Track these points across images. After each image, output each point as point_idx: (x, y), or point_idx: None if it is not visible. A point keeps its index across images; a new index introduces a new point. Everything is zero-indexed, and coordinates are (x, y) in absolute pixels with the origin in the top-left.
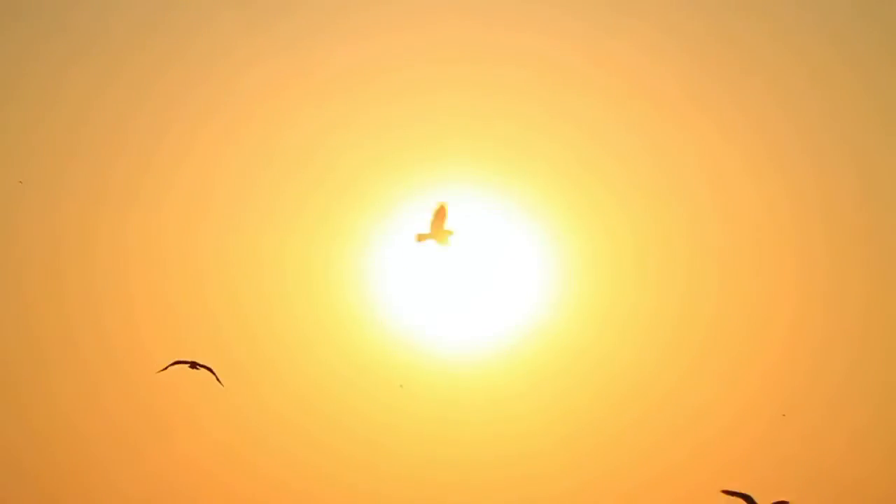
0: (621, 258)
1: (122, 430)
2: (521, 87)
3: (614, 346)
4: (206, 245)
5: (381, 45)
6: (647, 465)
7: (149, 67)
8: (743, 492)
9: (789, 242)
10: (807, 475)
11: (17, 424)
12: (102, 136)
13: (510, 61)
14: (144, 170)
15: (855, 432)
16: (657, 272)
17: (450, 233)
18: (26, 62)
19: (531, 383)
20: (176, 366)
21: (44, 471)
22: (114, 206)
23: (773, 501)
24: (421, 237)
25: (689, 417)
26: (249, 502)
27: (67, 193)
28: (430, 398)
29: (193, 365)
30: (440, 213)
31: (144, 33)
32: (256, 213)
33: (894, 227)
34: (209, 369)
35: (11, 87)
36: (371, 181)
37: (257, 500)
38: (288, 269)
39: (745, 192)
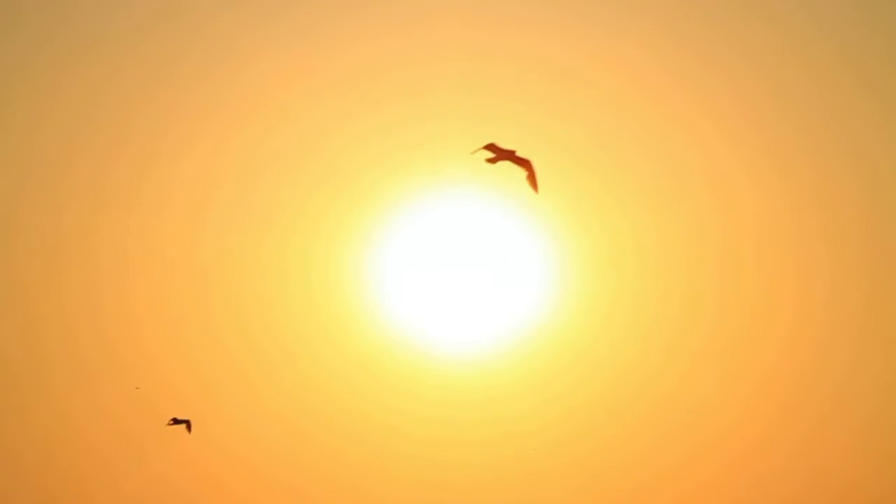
0: (622, 258)
1: (123, 431)
2: (521, 87)
3: (615, 345)
4: (207, 245)
5: (381, 45)
6: (647, 465)
7: (149, 68)
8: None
9: (789, 243)
10: (807, 475)
11: (18, 424)
12: (103, 136)
13: (510, 61)
14: (145, 170)
15: (855, 432)
16: (657, 272)
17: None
18: (27, 61)
19: (531, 383)
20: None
21: (44, 471)
22: (114, 205)
23: None
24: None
25: (689, 417)
26: (250, 502)
27: (68, 193)
28: (430, 398)
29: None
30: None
31: (145, 33)
32: (257, 213)
33: (894, 227)
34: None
35: (13, 87)
36: (372, 182)
37: (257, 500)
38: (288, 268)
39: (745, 192)
